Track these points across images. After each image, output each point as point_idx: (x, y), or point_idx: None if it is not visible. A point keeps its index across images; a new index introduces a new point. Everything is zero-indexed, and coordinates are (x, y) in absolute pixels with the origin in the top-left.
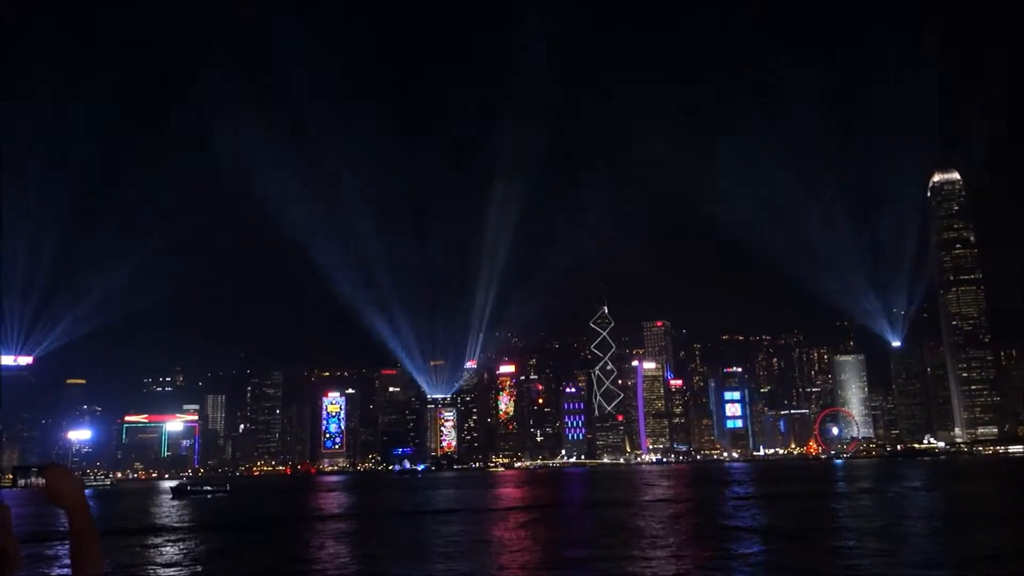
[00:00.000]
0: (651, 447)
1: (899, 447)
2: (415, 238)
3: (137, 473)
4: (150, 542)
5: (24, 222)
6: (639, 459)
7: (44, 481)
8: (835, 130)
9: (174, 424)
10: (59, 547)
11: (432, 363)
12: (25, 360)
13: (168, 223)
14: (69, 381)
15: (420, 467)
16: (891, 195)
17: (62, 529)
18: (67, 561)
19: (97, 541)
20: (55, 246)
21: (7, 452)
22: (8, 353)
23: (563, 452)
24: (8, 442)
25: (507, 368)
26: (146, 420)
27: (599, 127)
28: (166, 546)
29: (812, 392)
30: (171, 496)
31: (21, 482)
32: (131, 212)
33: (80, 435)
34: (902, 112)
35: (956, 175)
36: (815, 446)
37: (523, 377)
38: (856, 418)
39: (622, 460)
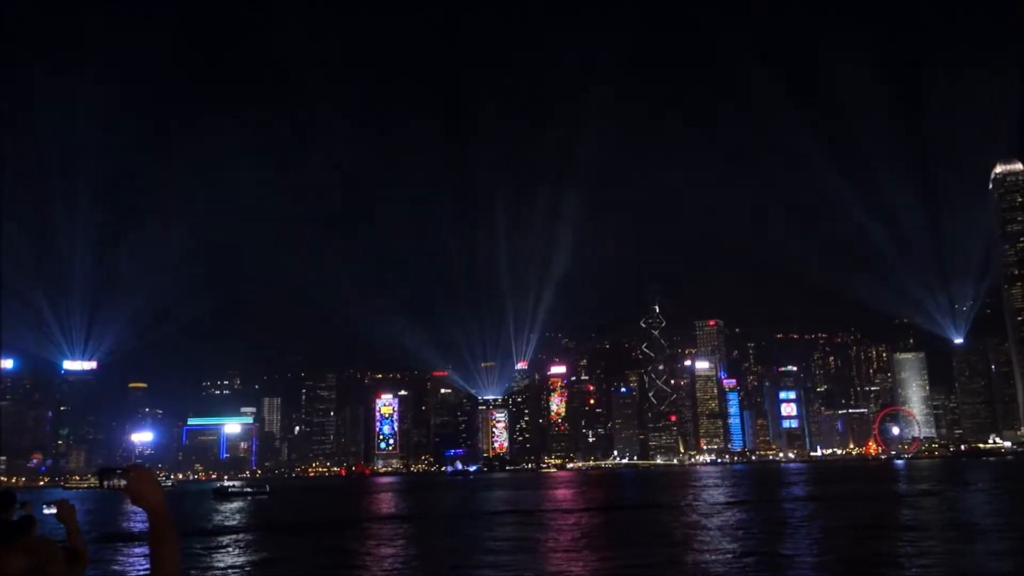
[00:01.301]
0: (705, 447)
1: (963, 447)
2: (465, 240)
3: (197, 475)
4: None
5: (88, 230)
6: (693, 460)
7: (125, 482)
8: (895, 121)
9: (232, 426)
10: (135, 547)
11: (483, 364)
12: (90, 365)
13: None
14: (132, 385)
15: (472, 468)
16: (953, 187)
17: (129, 530)
18: (137, 561)
19: (176, 542)
20: (119, 252)
21: (74, 454)
22: (74, 358)
23: (615, 453)
24: (75, 444)
25: (558, 369)
26: (205, 423)
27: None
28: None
29: (871, 391)
30: (212, 497)
31: (106, 483)
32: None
33: (143, 437)
34: (964, 102)
35: (1020, 166)
36: (874, 446)
37: (574, 378)
38: (917, 417)
39: (675, 461)
